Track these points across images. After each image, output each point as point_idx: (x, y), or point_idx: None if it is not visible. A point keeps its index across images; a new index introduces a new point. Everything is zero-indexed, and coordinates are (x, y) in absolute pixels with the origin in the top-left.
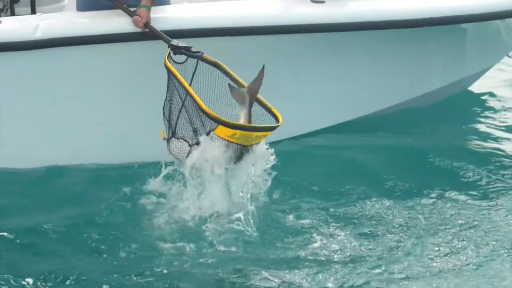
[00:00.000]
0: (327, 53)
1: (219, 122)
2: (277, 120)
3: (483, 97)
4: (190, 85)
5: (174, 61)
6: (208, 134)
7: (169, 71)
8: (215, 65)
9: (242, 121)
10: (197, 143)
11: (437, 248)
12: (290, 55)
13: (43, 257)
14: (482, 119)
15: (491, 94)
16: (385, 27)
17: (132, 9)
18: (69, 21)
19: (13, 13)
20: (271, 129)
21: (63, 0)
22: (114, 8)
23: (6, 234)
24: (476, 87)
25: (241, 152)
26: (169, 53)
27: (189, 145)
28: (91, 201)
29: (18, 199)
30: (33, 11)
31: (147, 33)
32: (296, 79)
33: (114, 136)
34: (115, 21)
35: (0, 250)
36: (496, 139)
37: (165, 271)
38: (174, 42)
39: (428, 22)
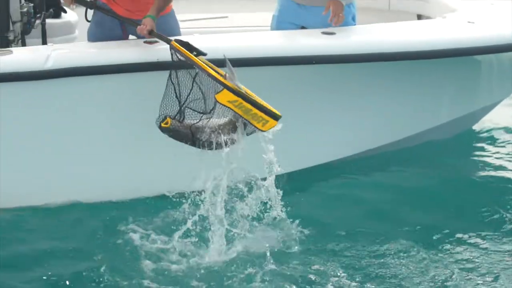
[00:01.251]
0: (336, 85)
1: (225, 86)
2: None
3: (495, 130)
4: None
5: (179, 59)
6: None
7: (178, 53)
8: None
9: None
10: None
11: None
12: (298, 86)
13: None
14: (495, 153)
15: (505, 128)
16: (396, 59)
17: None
18: (80, 51)
19: (24, 44)
20: (271, 114)
21: (74, 31)
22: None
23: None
24: (488, 120)
25: (234, 126)
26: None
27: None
28: (90, 238)
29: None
30: (44, 42)
31: (151, 41)
32: (305, 110)
33: (128, 168)
34: (128, 51)
35: None
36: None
37: None
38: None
39: (441, 54)
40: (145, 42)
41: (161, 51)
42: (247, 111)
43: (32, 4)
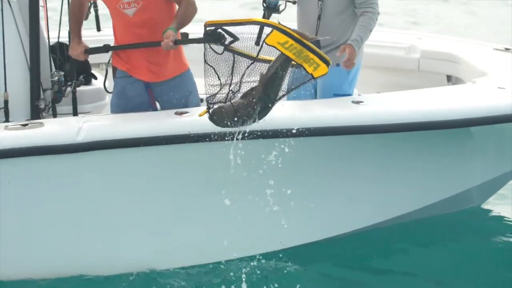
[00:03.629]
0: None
1: (274, 27)
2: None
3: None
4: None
5: (214, 51)
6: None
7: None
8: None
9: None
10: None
11: None
12: (325, 157)
13: None
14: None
15: None
16: (426, 128)
17: None
18: (111, 123)
19: (55, 112)
20: (323, 58)
21: (104, 98)
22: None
23: None
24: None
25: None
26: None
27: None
28: None
29: None
30: (75, 110)
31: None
32: (332, 180)
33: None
34: (159, 124)
35: None
36: None
37: None
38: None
39: (471, 123)
40: (176, 113)
41: (192, 123)
42: (299, 54)
43: (62, 73)
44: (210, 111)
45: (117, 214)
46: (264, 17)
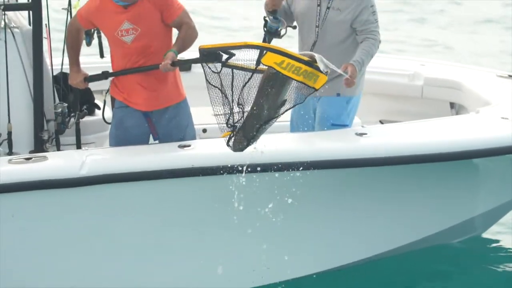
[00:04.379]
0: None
1: (268, 49)
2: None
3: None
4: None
5: (212, 71)
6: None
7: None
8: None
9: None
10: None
11: None
12: (326, 190)
13: None
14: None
15: None
16: (429, 161)
17: None
18: (115, 157)
19: (58, 144)
20: (318, 68)
21: (107, 128)
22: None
23: None
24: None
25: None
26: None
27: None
28: None
29: None
30: (78, 141)
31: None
32: (336, 213)
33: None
34: (162, 157)
35: None
36: None
37: None
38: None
39: (474, 154)
40: (179, 146)
41: (195, 157)
42: (297, 71)
43: (66, 104)
44: (231, 136)
45: (121, 248)
46: (264, 41)
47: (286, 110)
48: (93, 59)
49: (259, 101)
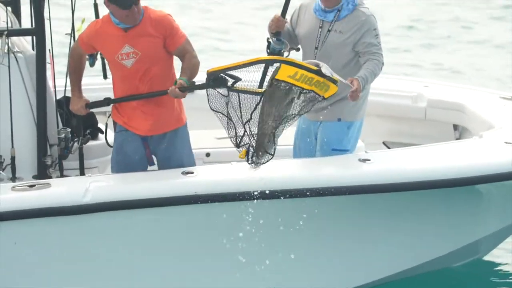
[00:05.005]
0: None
1: (282, 61)
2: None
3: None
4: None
5: (222, 95)
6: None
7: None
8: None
9: None
10: None
11: None
12: (337, 216)
13: None
14: None
15: None
16: (433, 187)
17: None
18: (118, 184)
19: (61, 169)
20: (331, 79)
21: (111, 152)
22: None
23: None
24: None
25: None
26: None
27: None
28: None
29: None
30: (82, 166)
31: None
32: (344, 238)
33: None
34: (165, 184)
35: None
36: None
37: None
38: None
39: (477, 181)
40: (182, 173)
41: (198, 184)
42: (310, 81)
43: (69, 130)
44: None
45: (125, 276)
46: (264, 70)
47: (294, 119)
48: (96, 80)
49: (268, 115)
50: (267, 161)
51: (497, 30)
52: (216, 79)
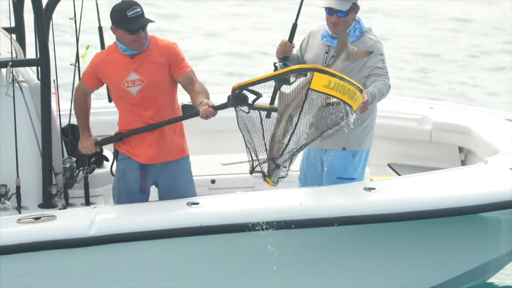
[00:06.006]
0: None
1: (313, 69)
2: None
3: None
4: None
5: (243, 111)
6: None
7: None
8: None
9: None
10: None
11: None
12: (340, 246)
13: None
14: None
15: None
16: (438, 216)
17: None
18: (123, 215)
19: (67, 198)
20: (358, 87)
21: None
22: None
23: None
24: None
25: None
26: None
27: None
28: None
29: None
30: (87, 195)
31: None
32: (350, 266)
33: None
34: (171, 216)
35: None
36: None
37: None
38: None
39: (483, 209)
40: (187, 204)
41: (204, 215)
42: (343, 90)
43: (74, 159)
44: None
45: None
46: (275, 88)
47: (320, 135)
48: (101, 104)
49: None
50: (284, 177)
51: None
52: (237, 96)
